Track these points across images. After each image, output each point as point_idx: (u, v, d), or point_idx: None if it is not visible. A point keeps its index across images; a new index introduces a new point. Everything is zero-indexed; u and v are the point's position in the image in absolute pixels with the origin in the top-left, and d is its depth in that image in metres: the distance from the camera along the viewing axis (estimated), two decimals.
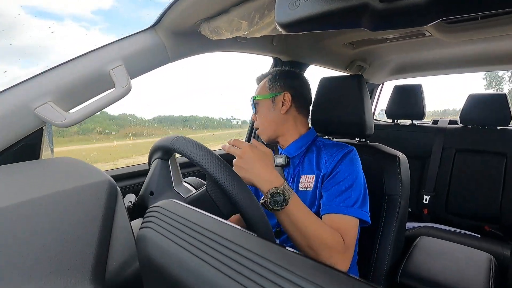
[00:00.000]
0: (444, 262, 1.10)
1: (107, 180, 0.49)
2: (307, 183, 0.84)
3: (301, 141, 0.90)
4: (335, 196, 0.76)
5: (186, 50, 0.86)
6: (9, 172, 0.53)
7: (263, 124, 0.91)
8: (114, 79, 0.68)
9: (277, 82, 0.91)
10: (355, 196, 0.75)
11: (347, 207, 0.74)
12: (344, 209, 0.73)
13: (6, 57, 3.09)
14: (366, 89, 0.99)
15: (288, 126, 0.90)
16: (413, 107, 1.87)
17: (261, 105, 0.91)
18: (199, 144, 0.55)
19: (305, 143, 0.90)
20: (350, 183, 0.77)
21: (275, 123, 0.90)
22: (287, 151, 0.91)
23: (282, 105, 0.89)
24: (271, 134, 0.91)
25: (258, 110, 0.92)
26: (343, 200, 0.75)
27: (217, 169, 0.52)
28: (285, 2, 0.39)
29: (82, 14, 18.46)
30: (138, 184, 1.01)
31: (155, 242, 0.38)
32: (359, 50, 1.51)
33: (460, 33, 1.12)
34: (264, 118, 0.91)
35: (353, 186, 0.76)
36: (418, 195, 1.84)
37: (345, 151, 0.82)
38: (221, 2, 0.70)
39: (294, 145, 0.90)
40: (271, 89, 0.91)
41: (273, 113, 0.89)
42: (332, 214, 0.74)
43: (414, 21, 0.34)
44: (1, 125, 0.57)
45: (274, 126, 0.90)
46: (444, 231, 1.61)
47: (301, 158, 0.89)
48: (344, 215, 0.73)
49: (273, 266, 0.27)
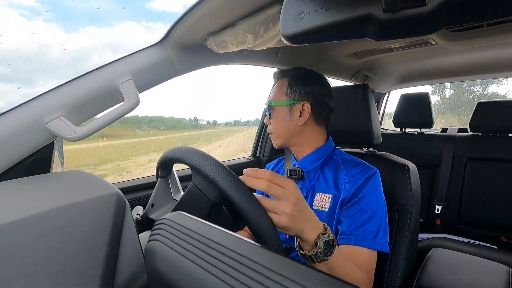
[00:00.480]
0: (460, 275, 1.06)
1: (116, 193, 0.50)
2: (322, 203, 0.79)
3: (317, 154, 0.84)
4: (357, 227, 0.72)
5: (192, 63, 0.87)
6: (21, 186, 0.54)
7: (277, 132, 0.85)
8: (123, 93, 0.69)
9: (296, 87, 0.83)
10: (376, 227, 0.72)
11: (368, 240, 0.70)
12: (365, 241, 0.70)
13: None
14: (372, 98, 0.99)
15: (305, 138, 0.84)
16: (421, 116, 1.85)
17: (277, 112, 0.84)
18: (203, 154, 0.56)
19: (321, 156, 0.84)
20: (373, 213, 0.73)
21: (290, 133, 0.83)
22: (302, 164, 0.85)
23: (300, 115, 0.82)
24: (284, 143, 0.86)
25: (273, 116, 0.85)
26: (364, 232, 0.71)
27: (229, 184, 0.50)
28: (289, 15, 0.40)
29: (22, 1, 17.63)
30: (146, 197, 1.01)
31: (163, 255, 0.38)
32: (364, 60, 1.51)
33: (466, 40, 1.12)
34: (279, 125, 0.84)
35: (375, 216, 0.73)
36: (429, 205, 1.80)
37: (368, 174, 0.77)
38: (227, 16, 0.71)
39: (309, 158, 0.84)
40: (289, 95, 0.83)
41: (289, 123, 0.82)
42: (352, 246, 0.70)
43: (418, 30, 0.34)
44: (14, 139, 0.59)
45: (289, 136, 0.84)
46: (458, 242, 1.56)
47: (317, 173, 0.83)
48: (365, 248, 0.70)
49: (282, 279, 0.27)
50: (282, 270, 0.27)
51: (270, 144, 1.55)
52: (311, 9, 0.38)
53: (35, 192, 0.51)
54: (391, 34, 0.36)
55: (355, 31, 0.37)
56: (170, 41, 0.78)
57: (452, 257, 1.22)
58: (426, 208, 1.81)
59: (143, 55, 0.76)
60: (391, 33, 0.36)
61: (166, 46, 0.79)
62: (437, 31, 0.33)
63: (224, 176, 0.50)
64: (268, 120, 0.88)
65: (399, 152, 1.10)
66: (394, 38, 0.37)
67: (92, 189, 0.50)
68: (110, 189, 0.50)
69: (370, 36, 0.37)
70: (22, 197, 0.49)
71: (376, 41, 0.37)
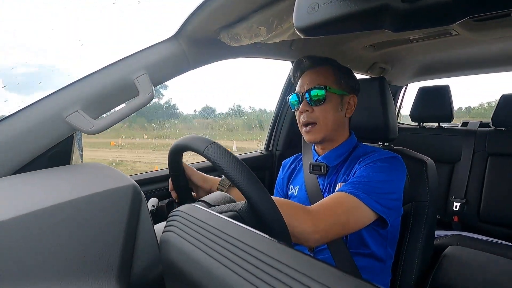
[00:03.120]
0: (477, 274, 1.03)
1: (132, 185, 0.51)
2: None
3: (342, 148, 0.82)
4: (356, 180, 0.68)
5: (206, 57, 0.88)
6: (43, 177, 0.57)
7: (326, 122, 0.78)
8: (139, 87, 0.70)
9: (347, 78, 0.80)
10: (376, 191, 0.66)
11: (361, 191, 0.65)
12: (355, 191, 0.65)
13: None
14: (389, 92, 0.96)
15: (341, 132, 0.83)
16: (440, 109, 1.79)
17: (330, 99, 0.77)
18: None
19: (345, 151, 0.82)
20: (380, 179, 0.68)
21: (337, 125, 0.80)
22: (327, 159, 0.82)
23: (347, 108, 0.81)
24: (326, 136, 0.79)
25: (325, 103, 0.77)
26: (361, 184, 0.66)
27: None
28: (303, 6, 0.39)
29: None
30: (160, 189, 1.03)
31: (177, 246, 0.39)
32: (380, 52, 1.47)
33: (490, 30, 1.07)
34: (331, 115, 0.77)
35: (381, 183, 0.68)
36: (447, 201, 1.75)
37: (388, 154, 0.75)
38: (240, 9, 0.71)
39: (334, 152, 0.82)
40: (340, 85, 0.79)
41: (339, 114, 0.79)
42: (339, 192, 0.66)
43: (440, 21, 0.32)
44: (36, 132, 0.61)
45: (335, 128, 0.80)
46: (476, 240, 1.50)
47: (340, 167, 0.82)
48: (348, 194, 0.64)
49: (295, 273, 0.27)
50: (295, 265, 0.27)
51: (283, 137, 1.54)
52: (326, 1, 0.37)
53: (55, 183, 0.53)
54: (410, 25, 0.35)
55: (371, 22, 0.36)
56: (183, 35, 0.78)
57: (469, 255, 1.18)
58: (443, 205, 1.76)
59: (157, 49, 0.76)
60: (410, 24, 0.34)
61: (179, 40, 0.79)
62: (460, 21, 0.31)
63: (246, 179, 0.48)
64: (310, 107, 0.78)
65: (416, 147, 1.08)
66: (413, 29, 0.36)
67: (110, 180, 0.52)
68: (127, 181, 0.52)
69: (388, 28, 0.35)
70: (43, 188, 0.51)
71: (394, 32, 0.36)
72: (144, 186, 1.02)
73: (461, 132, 1.80)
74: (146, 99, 0.71)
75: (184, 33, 0.78)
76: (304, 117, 0.79)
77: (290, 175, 0.96)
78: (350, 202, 0.64)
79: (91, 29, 2.26)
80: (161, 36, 0.77)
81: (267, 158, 1.54)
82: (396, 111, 2.29)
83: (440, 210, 1.75)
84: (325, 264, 0.28)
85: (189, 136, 0.59)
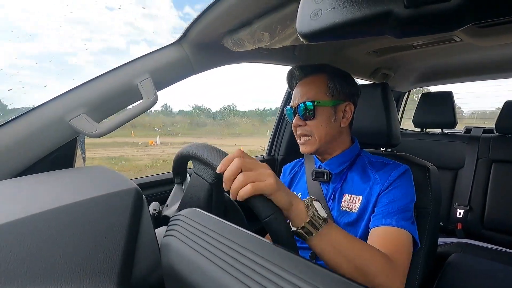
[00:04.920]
0: (481, 283, 1.02)
1: (134, 188, 0.51)
2: (351, 204, 0.76)
3: (345, 156, 0.81)
4: (392, 210, 0.68)
5: (209, 62, 0.88)
6: (44, 180, 0.57)
7: (320, 135, 0.77)
8: (142, 91, 0.71)
9: (340, 86, 0.78)
10: (410, 216, 0.69)
11: (402, 220, 0.66)
12: (401, 222, 0.66)
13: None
14: (391, 97, 0.96)
15: (341, 140, 0.81)
16: (443, 116, 1.78)
17: (321, 112, 0.76)
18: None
19: (349, 158, 0.81)
20: (407, 202, 0.71)
21: (332, 136, 0.78)
22: (329, 166, 0.81)
23: (343, 117, 0.79)
24: (320, 148, 0.78)
25: (316, 117, 0.76)
26: (399, 213, 0.68)
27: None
28: (307, 13, 0.39)
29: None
30: (162, 193, 1.03)
31: (178, 250, 0.39)
32: (383, 58, 1.47)
33: (493, 37, 1.07)
34: (323, 128, 0.76)
35: (409, 204, 0.71)
36: (450, 208, 1.73)
37: (401, 170, 0.75)
38: (244, 15, 0.71)
39: (336, 160, 0.81)
40: (333, 94, 0.77)
41: (334, 125, 0.78)
42: (387, 227, 0.66)
43: (443, 27, 0.32)
44: (39, 135, 0.62)
45: (330, 139, 0.78)
46: (480, 248, 1.49)
47: (344, 175, 0.80)
48: (400, 229, 0.65)
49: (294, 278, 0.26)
50: (296, 271, 0.27)
51: (285, 143, 1.54)
52: (328, 7, 0.37)
53: (57, 186, 0.54)
54: (412, 31, 0.35)
55: (374, 28, 0.36)
56: (187, 40, 0.79)
57: (473, 263, 1.16)
58: (447, 212, 1.74)
59: (161, 54, 0.77)
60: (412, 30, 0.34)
61: (183, 45, 0.80)
62: (463, 27, 0.31)
63: (213, 154, 0.53)
64: (302, 121, 0.78)
65: (419, 153, 1.07)
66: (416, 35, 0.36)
67: (112, 184, 0.52)
68: (129, 185, 0.52)
69: (391, 34, 0.35)
70: (46, 191, 0.51)
71: (396, 38, 0.36)
72: (146, 190, 1.02)
73: (465, 138, 1.78)
74: (150, 103, 0.71)
75: (188, 38, 0.79)
76: (298, 130, 0.80)
77: (292, 181, 0.95)
78: (405, 238, 0.65)
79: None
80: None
81: (269, 163, 1.54)
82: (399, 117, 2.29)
83: (443, 217, 1.73)
84: (326, 270, 0.28)
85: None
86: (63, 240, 0.42)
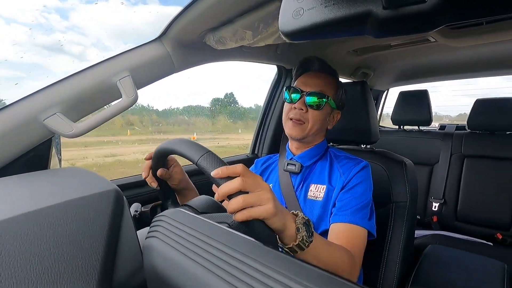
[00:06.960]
0: (455, 272, 1.07)
1: (114, 189, 0.50)
2: (316, 193, 0.82)
3: (315, 150, 0.88)
4: (351, 207, 0.75)
5: (191, 60, 0.87)
6: (19, 182, 0.54)
7: (314, 126, 0.82)
8: (121, 89, 0.69)
9: (342, 97, 0.88)
10: (367, 211, 0.76)
11: (360, 218, 0.74)
12: (357, 220, 0.73)
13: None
14: (370, 96, 0.99)
15: (320, 137, 0.89)
16: (420, 113, 1.86)
17: (325, 109, 0.83)
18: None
19: (319, 152, 0.88)
20: (366, 200, 0.77)
21: (319, 131, 0.86)
22: (302, 159, 0.87)
23: (331, 120, 0.88)
24: (307, 137, 0.84)
25: (319, 110, 0.82)
26: (357, 211, 0.74)
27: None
28: (289, 11, 0.40)
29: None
30: (143, 194, 1.01)
31: (161, 251, 0.38)
32: (363, 57, 1.51)
33: (465, 38, 1.12)
34: (319, 122, 0.83)
35: (368, 203, 0.77)
36: (426, 202, 1.81)
37: (361, 165, 0.81)
38: (226, 13, 0.71)
39: (308, 153, 0.87)
40: (336, 100, 0.86)
41: (325, 123, 0.86)
42: (345, 224, 0.73)
43: (419, 28, 0.34)
44: (11, 136, 0.58)
45: (317, 133, 0.85)
46: (454, 239, 1.57)
47: (312, 166, 0.87)
48: (356, 225, 0.73)
49: (280, 276, 0.27)
50: (281, 267, 0.27)
51: (268, 141, 1.54)
52: (310, 6, 0.38)
53: (32, 189, 0.51)
54: (390, 31, 0.36)
55: (354, 28, 0.37)
56: (168, 37, 0.78)
57: (448, 253, 1.23)
58: (423, 205, 1.82)
59: (141, 51, 0.75)
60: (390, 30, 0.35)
61: (164, 42, 0.78)
62: (438, 28, 0.33)
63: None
64: (305, 107, 0.81)
65: (397, 149, 1.11)
66: (394, 35, 0.37)
67: (90, 185, 0.50)
68: (108, 186, 0.50)
69: (370, 33, 0.36)
70: (20, 194, 0.49)
71: (375, 38, 0.37)
72: (126, 191, 1.00)
73: (439, 135, 1.87)
74: (129, 102, 0.69)
75: (169, 35, 0.77)
76: (296, 113, 0.82)
77: (263, 173, 0.98)
78: (363, 234, 0.73)
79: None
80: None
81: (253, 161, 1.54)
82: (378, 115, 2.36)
83: (420, 211, 1.81)
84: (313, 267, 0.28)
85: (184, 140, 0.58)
86: (39, 245, 0.40)
